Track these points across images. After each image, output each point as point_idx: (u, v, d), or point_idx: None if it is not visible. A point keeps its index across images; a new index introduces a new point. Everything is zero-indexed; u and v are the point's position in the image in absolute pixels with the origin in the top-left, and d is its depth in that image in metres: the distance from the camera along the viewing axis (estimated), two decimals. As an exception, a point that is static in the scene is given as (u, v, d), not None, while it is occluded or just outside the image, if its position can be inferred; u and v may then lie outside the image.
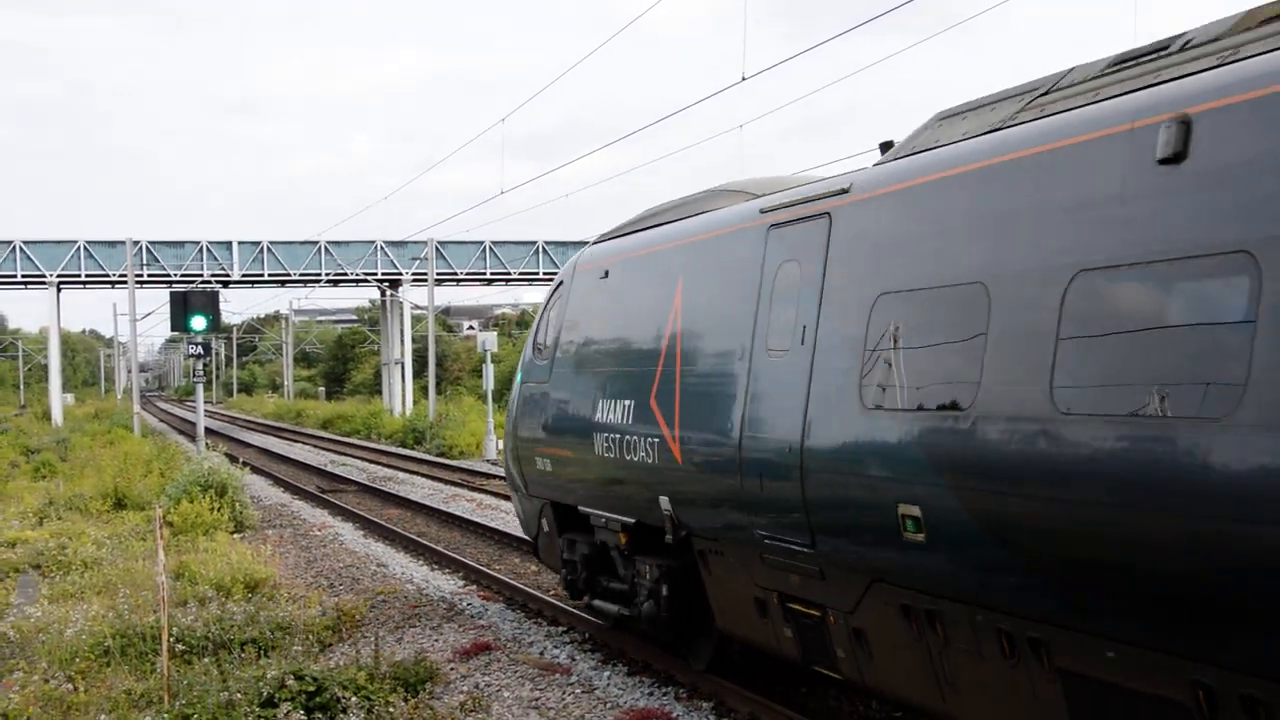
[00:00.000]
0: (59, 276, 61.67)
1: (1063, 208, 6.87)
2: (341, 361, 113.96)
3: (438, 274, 61.00)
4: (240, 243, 64.28)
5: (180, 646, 12.94)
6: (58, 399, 66.66)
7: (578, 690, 11.89)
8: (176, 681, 11.47)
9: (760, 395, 9.52)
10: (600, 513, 12.54)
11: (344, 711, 10.59)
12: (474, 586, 17.65)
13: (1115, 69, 7.41)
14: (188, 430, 59.07)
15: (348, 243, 66.23)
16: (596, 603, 13.24)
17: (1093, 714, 6.68)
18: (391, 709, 10.67)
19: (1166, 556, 5.97)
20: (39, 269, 61.36)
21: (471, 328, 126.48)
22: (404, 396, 65.94)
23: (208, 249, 63.47)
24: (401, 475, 35.08)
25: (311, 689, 10.74)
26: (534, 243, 66.12)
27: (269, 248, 64.54)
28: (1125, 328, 6.31)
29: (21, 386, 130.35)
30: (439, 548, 20.53)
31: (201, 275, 62.45)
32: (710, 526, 10.51)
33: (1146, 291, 6.27)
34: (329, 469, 37.85)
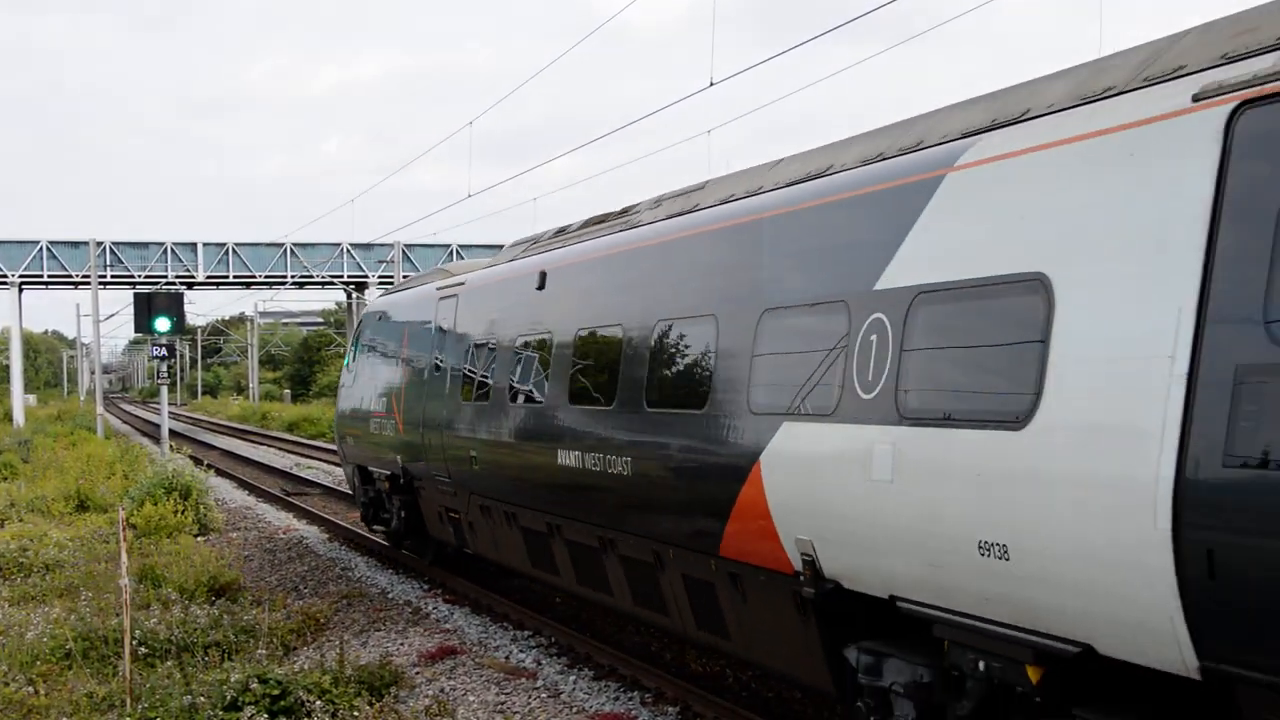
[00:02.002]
0: (21, 277, 61.13)
1: (518, 307, 14.20)
2: (307, 364, 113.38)
3: (404, 277, 60.86)
4: (205, 244, 63.89)
5: (143, 650, 12.88)
6: (19, 400, 66.04)
7: (543, 694, 11.88)
8: (139, 685, 11.42)
9: (430, 396, 16.58)
10: (376, 469, 19.63)
11: (308, 715, 10.56)
12: (439, 590, 17.61)
13: (553, 237, 14.80)
14: (151, 432, 58.68)
15: (314, 245, 65.90)
16: (376, 527, 20.53)
17: (531, 545, 13.88)
18: (356, 713, 10.65)
19: (530, 471, 13.22)
20: (0, 269, 60.84)
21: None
22: (370, 400, 65.56)
23: (172, 250, 63.06)
24: (367, 478, 34.91)
25: (276, 692, 10.71)
26: (501, 246, 65.97)
27: (234, 249, 64.18)
28: (524, 362, 13.62)
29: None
30: (404, 551, 20.47)
31: (166, 276, 62.04)
32: (417, 473, 17.37)
33: (534, 350, 13.40)
34: (294, 472, 37.63)
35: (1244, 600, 5.60)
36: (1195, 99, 6.20)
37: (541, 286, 13.55)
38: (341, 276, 66.07)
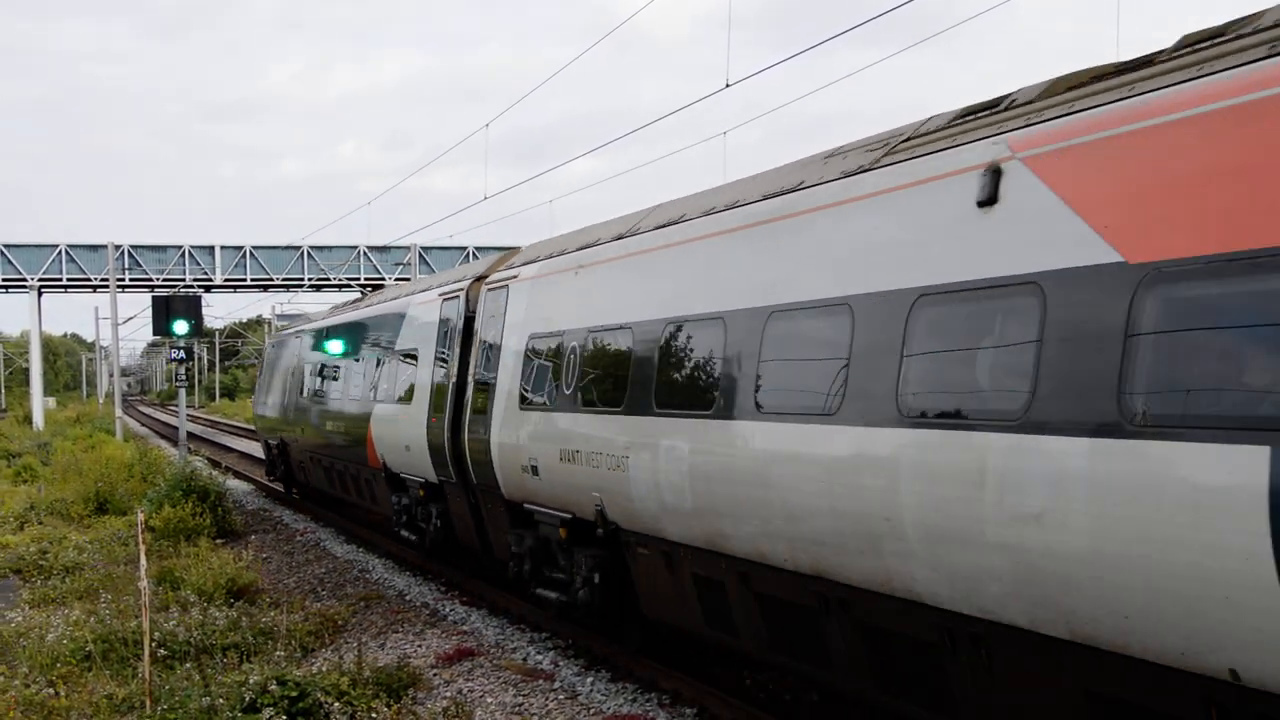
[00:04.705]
0: (40, 280, 61.39)
1: (318, 345, 25.40)
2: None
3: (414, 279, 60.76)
4: (222, 247, 64.09)
5: (162, 651, 12.90)
6: (39, 403, 66.30)
7: (561, 696, 11.89)
8: (158, 686, 11.45)
9: (289, 394, 28.05)
10: (271, 441, 31.52)
11: (326, 717, 10.58)
12: (456, 592, 17.64)
13: (336, 309, 28.48)
14: (170, 435, 58.84)
15: (330, 247, 66.03)
16: (271, 476, 32.54)
17: (327, 476, 25.73)
18: (374, 714, 10.66)
19: (321, 436, 25.27)
20: (20, 273, 61.09)
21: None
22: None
23: (190, 253, 63.28)
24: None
25: (294, 694, 10.73)
26: (518, 248, 65.78)
27: (251, 252, 64.37)
28: (318, 376, 26.06)
29: (2, 390, 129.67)
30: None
31: (183, 279, 62.22)
32: (288, 440, 28.81)
33: (322, 369, 25.78)
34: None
35: (454, 456, 16.20)
36: (439, 295, 17.89)
37: (324, 335, 25.20)
38: (358, 279, 66.14)
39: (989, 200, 7.21)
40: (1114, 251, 6.30)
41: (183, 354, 30.56)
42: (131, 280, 62.22)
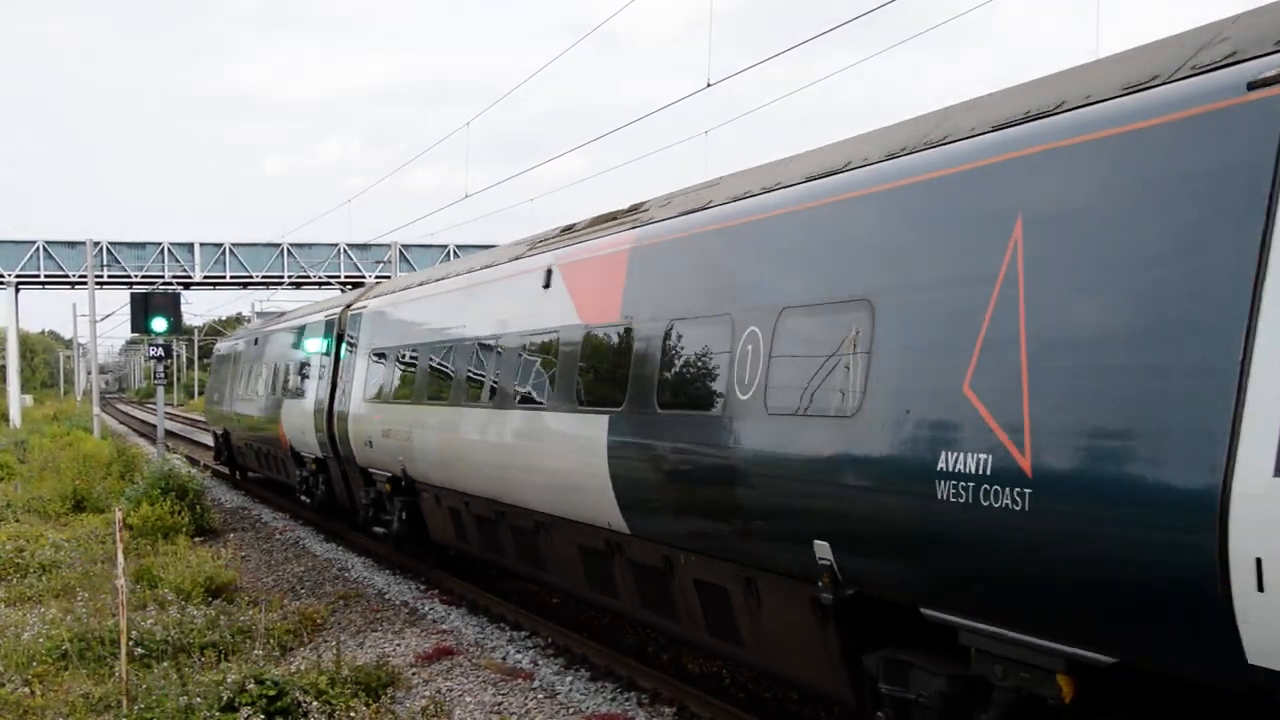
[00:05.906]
0: (17, 277, 61.02)
1: (249, 351, 32.13)
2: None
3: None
4: (202, 244, 63.78)
5: (139, 650, 12.84)
6: (16, 400, 65.88)
7: (540, 695, 11.87)
8: (135, 685, 11.39)
9: (229, 390, 33.96)
10: (217, 430, 37.12)
11: (304, 716, 10.55)
12: (436, 591, 17.60)
13: (270, 319, 35.69)
14: (148, 433, 58.55)
15: (311, 245, 65.75)
16: (217, 460, 37.88)
17: (259, 458, 30.50)
18: (353, 714, 10.62)
19: (252, 427, 30.63)
20: (-3, 269, 60.69)
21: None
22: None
23: (169, 250, 62.97)
24: (364, 479, 34.91)
25: (272, 693, 10.69)
26: (497, 245, 65.47)
27: (231, 249, 64.08)
28: (245, 376, 32.02)
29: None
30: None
31: (162, 276, 61.92)
32: (229, 429, 34.08)
33: (248, 371, 31.44)
34: (291, 472, 37.64)
35: (329, 437, 21.61)
36: (324, 316, 23.52)
37: (255, 343, 30.48)
38: (338, 276, 65.89)
39: (547, 285, 12.87)
40: (579, 318, 11.95)
41: (161, 351, 30.40)
42: (110, 277, 61.88)
